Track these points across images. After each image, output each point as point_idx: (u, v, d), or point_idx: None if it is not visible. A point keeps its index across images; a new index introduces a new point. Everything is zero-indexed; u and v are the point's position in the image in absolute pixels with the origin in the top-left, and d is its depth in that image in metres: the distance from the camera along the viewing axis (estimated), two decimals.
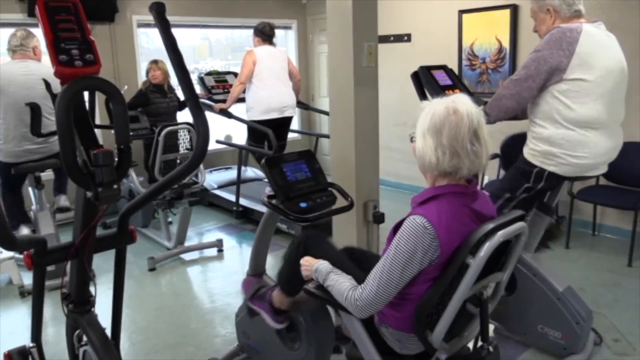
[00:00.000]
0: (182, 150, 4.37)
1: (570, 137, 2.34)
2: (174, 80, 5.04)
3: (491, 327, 2.12)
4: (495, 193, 2.61)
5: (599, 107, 2.32)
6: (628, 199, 3.92)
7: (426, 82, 2.87)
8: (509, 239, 1.68)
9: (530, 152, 2.48)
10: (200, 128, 1.52)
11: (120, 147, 1.47)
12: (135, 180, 4.56)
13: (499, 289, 1.85)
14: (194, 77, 5.67)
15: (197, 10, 6.03)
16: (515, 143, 2.74)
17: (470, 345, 1.87)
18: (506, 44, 4.95)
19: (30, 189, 4.18)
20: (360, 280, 1.69)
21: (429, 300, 1.61)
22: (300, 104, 5.51)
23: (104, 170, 1.40)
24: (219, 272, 4.06)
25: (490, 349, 1.75)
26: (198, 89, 5.30)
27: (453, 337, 1.80)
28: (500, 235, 1.57)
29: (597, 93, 2.30)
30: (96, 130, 1.58)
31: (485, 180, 4.69)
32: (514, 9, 4.83)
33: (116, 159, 1.46)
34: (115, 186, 1.42)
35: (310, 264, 1.89)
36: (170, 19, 1.49)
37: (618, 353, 2.77)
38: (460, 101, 1.61)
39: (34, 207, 4.10)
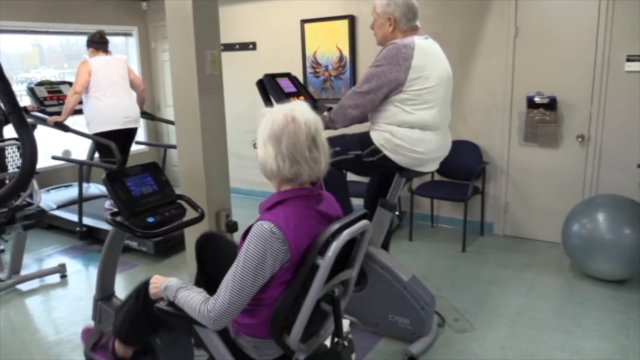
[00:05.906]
0: (11, 169, 3.94)
1: (411, 134, 2.57)
2: None
3: (347, 322, 2.22)
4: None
5: (434, 112, 2.58)
6: (459, 191, 4.35)
7: (271, 89, 2.93)
8: (355, 237, 1.77)
9: (376, 135, 2.65)
10: (26, 144, 1.39)
11: None
12: None
13: (349, 286, 1.94)
14: (23, 88, 5.15)
15: (25, 14, 5.48)
16: None
17: (328, 342, 1.94)
18: (346, 52, 5.22)
19: None
20: None
21: (284, 303, 1.63)
22: (145, 115, 5.27)
23: None
24: (63, 300, 3.73)
25: (345, 343, 1.83)
26: (28, 100, 4.84)
27: (310, 337, 1.85)
28: (346, 234, 1.65)
29: (432, 100, 2.56)
30: None
31: None
32: (352, 20, 5.11)
33: None
34: None
35: (159, 282, 1.82)
36: None
37: (458, 330, 3.06)
38: (298, 109, 1.66)
39: None
